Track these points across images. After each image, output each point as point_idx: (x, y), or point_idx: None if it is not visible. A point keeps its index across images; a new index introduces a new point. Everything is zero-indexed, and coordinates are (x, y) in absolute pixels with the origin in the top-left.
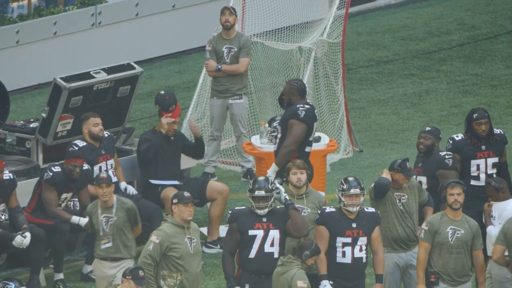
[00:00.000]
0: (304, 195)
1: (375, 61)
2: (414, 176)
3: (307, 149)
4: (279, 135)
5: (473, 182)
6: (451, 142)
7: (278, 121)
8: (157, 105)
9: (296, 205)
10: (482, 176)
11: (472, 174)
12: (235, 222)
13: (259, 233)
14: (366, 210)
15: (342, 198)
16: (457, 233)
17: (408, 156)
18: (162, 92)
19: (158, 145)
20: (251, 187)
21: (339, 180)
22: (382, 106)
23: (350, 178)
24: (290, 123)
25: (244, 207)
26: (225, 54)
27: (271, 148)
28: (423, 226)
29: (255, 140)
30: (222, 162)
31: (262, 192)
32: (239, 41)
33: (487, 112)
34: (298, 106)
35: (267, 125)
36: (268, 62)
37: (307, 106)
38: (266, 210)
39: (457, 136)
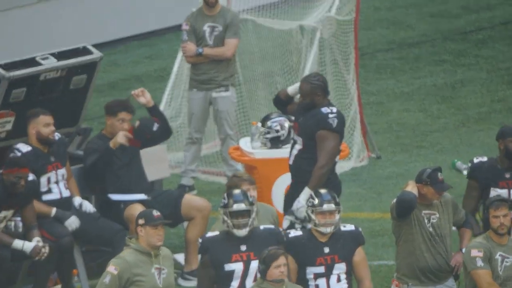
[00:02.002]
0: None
1: (396, 43)
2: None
3: (336, 158)
4: (298, 146)
5: None
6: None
7: (274, 120)
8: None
9: None
10: None
11: None
12: (207, 254)
13: (238, 267)
14: (342, 228)
15: (313, 216)
16: (506, 262)
17: (439, 165)
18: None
19: (109, 155)
20: (226, 201)
21: (351, 194)
22: (405, 101)
23: (322, 191)
24: (321, 136)
25: (217, 233)
26: (207, 35)
27: (264, 153)
28: (476, 252)
29: (245, 143)
30: (203, 171)
31: (242, 206)
32: (225, 17)
33: None
34: (325, 112)
35: (259, 124)
36: (261, 45)
37: (334, 110)
38: (247, 229)
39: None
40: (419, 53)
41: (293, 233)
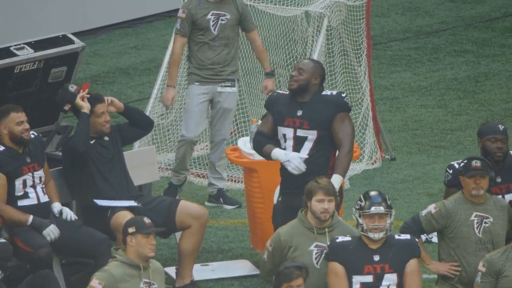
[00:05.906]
0: (327, 229)
1: (413, 32)
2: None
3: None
4: (308, 144)
5: None
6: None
7: None
8: (66, 106)
9: (316, 243)
10: None
11: None
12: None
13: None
14: (397, 237)
15: (360, 220)
16: None
17: None
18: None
19: (90, 146)
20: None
21: None
22: (423, 96)
23: (373, 193)
24: (342, 118)
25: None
26: (211, 24)
27: None
28: (480, 267)
29: (244, 143)
30: (196, 174)
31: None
32: (236, 4)
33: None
34: (335, 93)
35: (260, 122)
36: (263, 34)
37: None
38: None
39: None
40: (438, 43)
41: (340, 238)
